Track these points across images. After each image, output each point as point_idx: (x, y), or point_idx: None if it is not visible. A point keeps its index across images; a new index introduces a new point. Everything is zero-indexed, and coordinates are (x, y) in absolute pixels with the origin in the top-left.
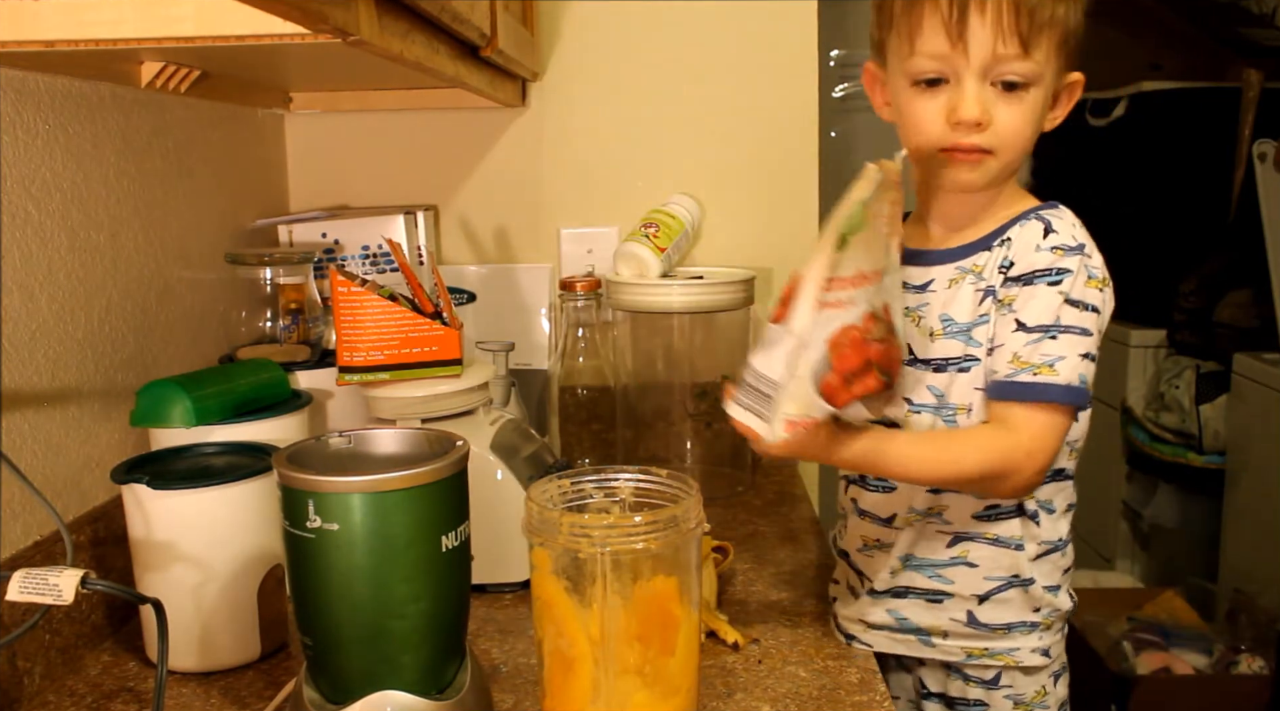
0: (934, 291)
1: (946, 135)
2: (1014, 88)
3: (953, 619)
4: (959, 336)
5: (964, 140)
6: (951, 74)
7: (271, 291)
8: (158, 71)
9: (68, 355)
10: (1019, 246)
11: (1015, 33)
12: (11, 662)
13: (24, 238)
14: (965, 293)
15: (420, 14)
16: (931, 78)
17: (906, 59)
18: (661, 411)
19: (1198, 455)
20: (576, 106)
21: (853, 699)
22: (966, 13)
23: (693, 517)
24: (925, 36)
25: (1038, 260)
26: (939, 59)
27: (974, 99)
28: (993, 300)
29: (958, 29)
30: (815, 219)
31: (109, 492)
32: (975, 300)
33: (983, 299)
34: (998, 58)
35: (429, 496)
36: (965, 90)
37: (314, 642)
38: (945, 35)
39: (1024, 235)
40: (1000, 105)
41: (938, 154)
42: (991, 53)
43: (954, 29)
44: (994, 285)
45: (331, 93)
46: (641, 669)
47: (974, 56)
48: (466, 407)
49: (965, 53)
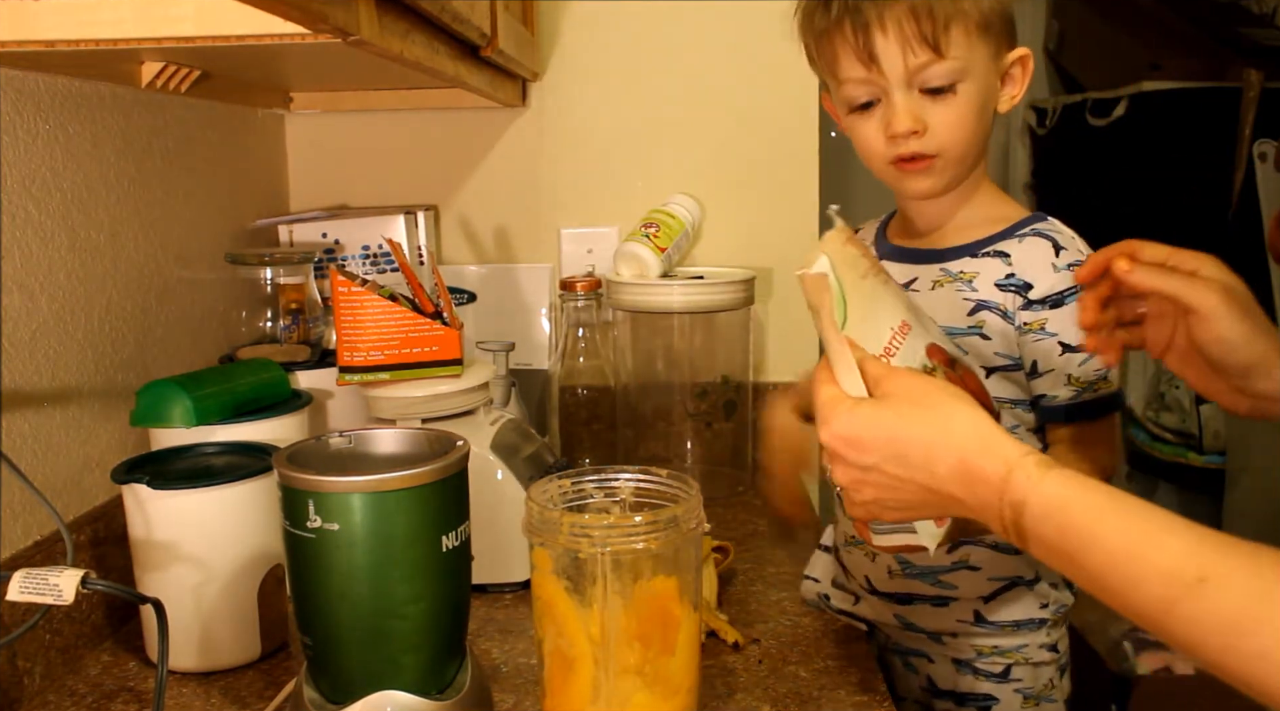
0: (916, 291)
1: (889, 149)
2: (941, 91)
3: (960, 620)
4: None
5: (903, 150)
6: (880, 93)
7: (272, 291)
8: (158, 71)
9: (68, 355)
10: (1030, 267)
11: (920, 39)
12: (12, 662)
13: (24, 238)
14: (949, 298)
15: (420, 14)
16: (864, 102)
17: (837, 90)
18: (661, 411)
19: (1198, 455)
20: (576, 106)
21: (853, 699)
22: (870, 34)
23: (693, 517)
24: (842, 65)
25: (1058, 281)
26: (861, 83)
27: (903, 111)
28: (996, 316)
29: (866, 52)
30: (815, 219)
31: (109, 492)
32: (962, 309)
33: (973, 310)
34: (913, 68)
35: (429, 496)
36: (894, 104)
37: (314, 642)
38: (858, 60)
39: (1032, 255)
40: (932, 110)
41: (889, 168)
42: (904, 65)
43: (863, 53)
44: (990, 300)
45: (331, 93)
46: (642, 669)
47: (889, 72)
48: (466, 407)
49: (881, 72)
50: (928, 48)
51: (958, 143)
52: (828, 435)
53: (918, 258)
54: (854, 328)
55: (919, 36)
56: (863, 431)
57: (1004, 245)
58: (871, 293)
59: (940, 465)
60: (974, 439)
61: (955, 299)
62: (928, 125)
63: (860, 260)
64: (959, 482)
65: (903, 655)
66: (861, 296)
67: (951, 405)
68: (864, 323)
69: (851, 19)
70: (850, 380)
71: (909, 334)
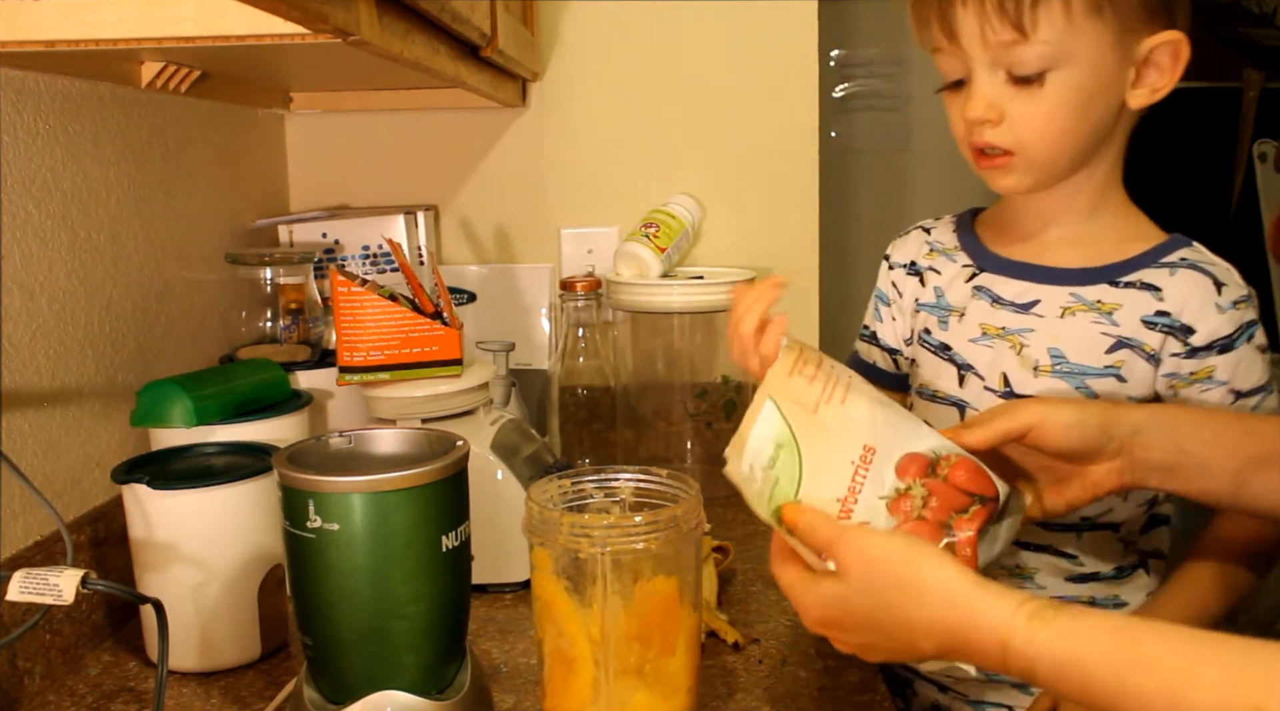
0: (1041, 316)
1: (968, 134)
2: (1028, 80)
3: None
4: (1071, 379)
5: (978, 138)
6: (967, 72)
7: (271, 291)
8: (158, 71)
9: (68, 355)
10: (1191, 308)
11: (1001, 14)
12: (12, 662)
13: (24, 238)
14: (1084, 330)
15: (420, 14)
16: (955, 79)
17: (935, 61)
18: (661, 411)
19: None
20: (576, 106)
21: (853, 699)
22: (951, 4)
23: (693, 517)
24: (931, 33)
25: (1225, 324)
26: (947, 57)
27: (978, 95)
28: (1140, 358)
29: (946, 22)
30: (815, 219)
31: (109, 492)
32: (1100, 345)
33: (1112, 347)
34: (994, 46)
35: (429, 496)
36: (973, 86)
37: (314, 642)
38: (940, 31)
39: (1192, 294)
40: (1016, 99)
41: (971, 156)
42: (981, 41)
43: (944, 23)
44: (1135, 339)
45: (331, 93)
46: (642, 669)
47: (969, 48)
48: (466, 407)
49: (960, 47)
50: (1009, 24)
51: (1040, 142)
52: (808, 621)
53: (1041, 276)
54: (811, 476)
55: (999, 11)
56: (839, 615)
57: (1151, 275)
58: (826, 424)
59: (927, 643)
60: (951, 611)
61: (1091, 332)
62: (1006, 115)
63: (809, 388)
64: (956, 653)
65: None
66: (816, 434)
67: (915, 575)
68: (823, 465)
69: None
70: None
71: (874, 458)
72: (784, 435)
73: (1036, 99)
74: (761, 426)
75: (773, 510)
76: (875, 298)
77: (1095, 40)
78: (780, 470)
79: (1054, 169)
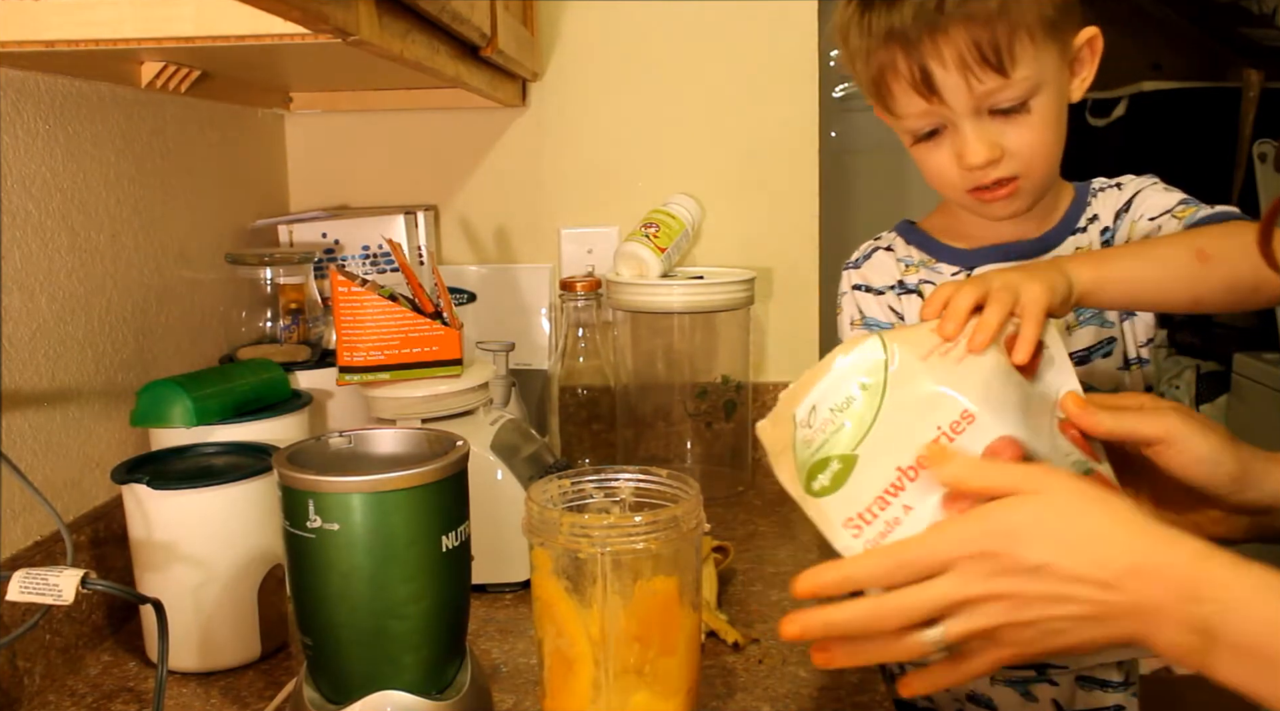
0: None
1: (966, 178)
2: (1013, 110)
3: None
4: (1093, 321)
5: (985, 179)
6: (945, 121)
7: (271, 291)
8: (158, 71)
9: (68, 355)
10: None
11: (983, 64)
12: (11, 662)
13: (24, 238)
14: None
15: (420, 14)
16: (928, 131)
17: (897, 123)
18: (661, 411)
19: None
20: (576, 106)
21: (853, 699)
22: (928, 68)
23: (693, 517)
24: (901, 102)
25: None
26: (925, 115)
27: (975, 142)
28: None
29: (926, 86)
30: (815, 219)
31: (109, 492)
32: None
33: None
34: (980, 94)
35: (429, 496)
36: (964, 136)
37: (314, 642)
38: (916, 94)
39: (1108, 203)
40: (1007, 131)
41: (967, 197)
42: (969, 93)
43: (922, 88)
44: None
45: (331, 93)
46: (642, 669)
47: (954, 103)
48: (466, 407)
49: (944, 102)
50: (992, 71)
51: (1040, 161)
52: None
53: (1025, 250)
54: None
55: (980, 61)
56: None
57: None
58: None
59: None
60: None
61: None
62: (1005, 149)
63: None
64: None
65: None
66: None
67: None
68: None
69: (904, 51)
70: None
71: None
72: (876, 377)
73: (1025, 124)
74: (854, 357)
75: (817, 461)
76: (867, 327)
77: (1055, 57)
78: (851, 415)
79: (1049, 180)
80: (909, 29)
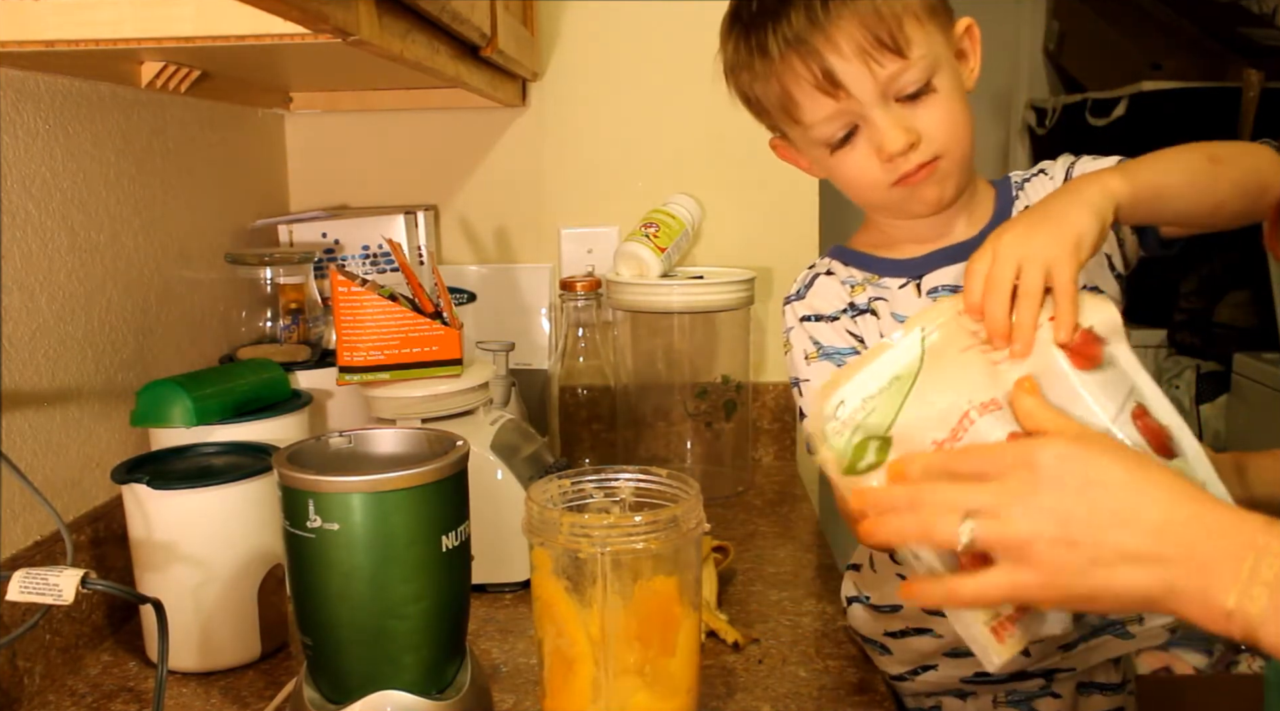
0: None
1: (889, 171)
2: (919, 94)
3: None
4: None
5: (908, 165)
6: (856, 118)
7: (271, 291)
8: (158, 71)
9: (68, 355)
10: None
11: (879, 46)
12: (12, 662)
13: (24, 238)
14: None
15: (420, 14)
16: (842, 135)
17: (807, 133)
18: (661, 411)
19: None
20: (576, 106)
21: (853, 699)
22: (828, 64)
23: (693, 517)
24: (809, 109)
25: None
26: (833, 117)
27: (890, 128)
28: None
29: (830, 83)
30: (815, 219)
31: (109, 492)
32: None
33: None
34: (884, 80)
35: (429, 496)
36: (877, 125)
37: (314, 642)
38: (820, 93)
39: (1041, 191)
40: (919, 113)
41: (891, 193)
42: (873, 79)
43: (826, 85)
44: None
45: (331, 93)
46: (642, 669)
47: (861, 94)
48: (466, 407)
49: (851, 95)
50: (890, 53)
51: (956, 138)
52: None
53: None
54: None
55: (876, 44)
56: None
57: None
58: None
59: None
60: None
61: None
62: (920, 133)
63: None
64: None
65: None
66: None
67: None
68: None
69: (798, 52)
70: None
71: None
72: (910, 366)
73: (934, 104)
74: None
75: (859, 442)
76: (824, 358)
77: (942, 38)
78: (881, 399)
79: (967, 164)
80: (802, 33)
